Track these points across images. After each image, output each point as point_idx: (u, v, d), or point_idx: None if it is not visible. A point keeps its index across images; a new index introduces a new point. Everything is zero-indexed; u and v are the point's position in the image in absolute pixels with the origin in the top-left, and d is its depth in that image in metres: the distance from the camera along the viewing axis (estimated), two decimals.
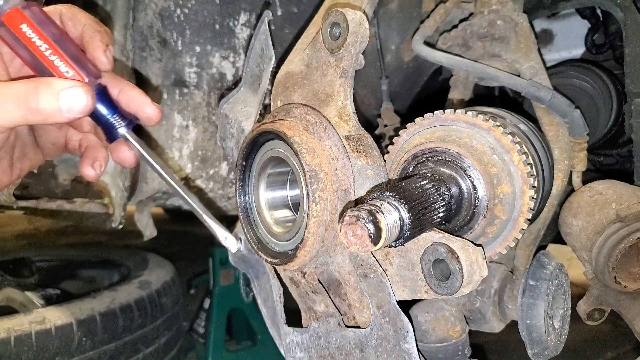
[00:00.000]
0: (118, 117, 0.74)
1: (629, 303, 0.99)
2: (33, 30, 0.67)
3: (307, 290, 0.87)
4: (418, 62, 1.52)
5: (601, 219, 0.96)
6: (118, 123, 0.74)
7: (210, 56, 1.50)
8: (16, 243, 5.68)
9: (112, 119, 0.74)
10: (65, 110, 0.64)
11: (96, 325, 2.08)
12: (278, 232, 0.85)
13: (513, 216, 0.77)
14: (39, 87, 0.64)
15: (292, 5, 1.60)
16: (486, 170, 0.74)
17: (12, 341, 1.85)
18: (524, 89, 1.02)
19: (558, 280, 0.96)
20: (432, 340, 0.94)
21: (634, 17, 1.04)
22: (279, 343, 0.98)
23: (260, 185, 0.88)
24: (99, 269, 3.20)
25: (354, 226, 0.58)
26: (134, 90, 0.78)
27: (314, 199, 0.73)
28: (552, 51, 1.57)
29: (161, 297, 2.46)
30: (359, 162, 0.76)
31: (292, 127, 0.78)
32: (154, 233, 1.68)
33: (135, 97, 0.78)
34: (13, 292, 2.44)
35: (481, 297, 0.99)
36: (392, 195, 0.61)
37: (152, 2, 1.38)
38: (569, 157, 1.04)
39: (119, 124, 0.74)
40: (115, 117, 0.74)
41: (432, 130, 0.81)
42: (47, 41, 0.67)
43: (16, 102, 0.63)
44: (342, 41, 0.77)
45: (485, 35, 1.13)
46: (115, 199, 1.42)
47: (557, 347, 0.96)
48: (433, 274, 0.67)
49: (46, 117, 0.65)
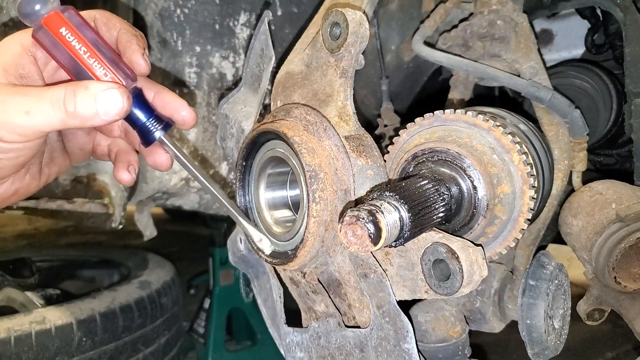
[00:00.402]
0: (154, 121, 0.74)
1: (629, 303, 0.99)
2: (72, 33, 0.67)
3: (307, 290, 0.87)
4: (418, 62, 1.52)
5: (601, 219, 0.96)
6: (154, 126, 0.74)
7: (210, 56, 1.50)
8: (16, 243, 5.69)
9: (149, 123, 0.73)
10: (103, 113, 0.65)
11: (96, 325, 2.08)
12: (278, 232, 0.85)
13: (513, 216, 0.77)
14: (76, 90, 0.64)
15: (292, 5, 1.60)
16: (486, 170, 0.74)
17: (12, 341, 1.85)
18: (524, 89, 1.02)
19: (558, 280, 0.96)
20: (432, 340, 0.94)
21: (634, 17, 1.04)
22: (279, 343, 0.98)
23: (260, 185, 0.88)
24: (99, 269, 3.20)
25: (354, 226, 0.58)
26: (169, 94, 0.78)
27: (314, 199, 0.73)
28: (552, 51, 1.57)
29: (161, 297, 2.46)
30: (359, 162, 0.76)
31: (292, 127, 0.78)
32: (154, 233, 1.68)
33: (171, 101, 0.78)
34: (13, 292, 2.44)
35: (481, 297, 0.99)
36: (392, 195, 0.61)
37: (152, 2, 1.38)
38: (569, 157, 1.04)
39: (155, 127, 0.74)
40: (151, 121, 0.74)
41: (432, 130, 0.81)
42: (86, 44, 0.67)
43: (55, 106, 0.63)
44: (342, 41, 0.77)
45: (485, 35, 1.13)
46: (115, 199, 1.42)
47: (557, 347, 0.96)
48: (433, 274, 0.67)
49: (84, 121, 0.65)
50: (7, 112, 0.63)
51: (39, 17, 0.66)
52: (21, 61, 0.70)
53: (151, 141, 0.75)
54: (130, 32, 0.75)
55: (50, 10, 0.67)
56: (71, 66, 0.68)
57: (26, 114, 0.63)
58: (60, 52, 0.67)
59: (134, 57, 0.73)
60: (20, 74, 0.70)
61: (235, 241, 1.03)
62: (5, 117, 0.63)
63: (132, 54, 0.73)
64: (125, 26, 0.75)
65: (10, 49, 0.70)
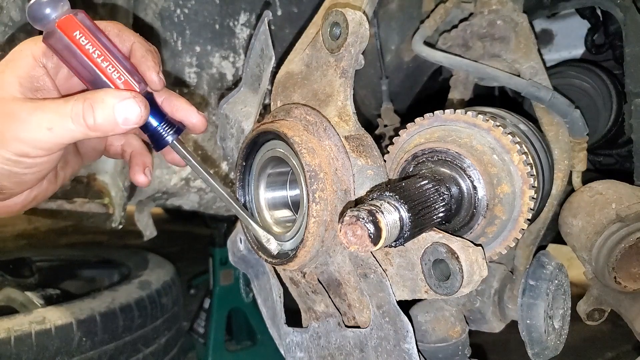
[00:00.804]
0: (165, 125, 0.74)
1: (629, 303, 0.99)
2: (86, 37, 0.67)
3: (307, 290, 0.87)
4: (418, 62, 1.52)
5: (601, 219, 0.96)
6: (166, 131, 0.74)
7: (210, 56, 1.50)
8: (16, 243, 5.69)
9: (160, 127, 0.74)
10: (122, 122, 0.66)
11: (96, 325, 2.08)
12: (278, 232, 0.85)
13: (513, 216, 0.77)
14: (94, 104, 0.65)
15: (292, 5, 1.60)
16: (486, 170, 0.74)
17: (12, 341, 1.85)
18: (524, 89, 1.02)
19: (558, 280, 0.96)
20: (432, 340, 0.94)
21: (634, 17, 1.04)
22: (279, 343, 0.98)
23: (260, 185, 0.88)
24: (99, 269, 3.20)
25: (354, 226, 0.58)
26: (178, 100, 0.79)
27: (314, 199, 0.73)
28: (552, 51, 1.57)
29: (161, 297, 2.46)
30: (358, 162, 0.76)
31: (292, 127, 0.78)
32: (154, 233, 1.69)
33: (180, 106, 0.79)
34: (13, 292, 2.44)
35: (481, 297, 0.99)
36: (392, 195, 0.61)
37: (152, 2, 1.38)
38: (569, 157, 1.04)
39: (166, 132, 0.74)
40: (163, 125, 0.74)
41: (432, 130, 0.81)
42: (100, 48, 0.67)
43: (75, 120, 0.65)
44: (342, 41, 0.77)
45: (485, 35, 1.13)
46: (115, 199, 1.42)
47: (557, 347, 0.96)
48: (433, 274, 0.67)
49: (105, 132, 0.66)
50: (29, 130, 0.64)
51: (51, 21, 0.66)
52: (34, 73, 0.70)
53: (163, 146, 0.75)
54: (145, 46, 0.75)
55: (62, 13, 0.66)
56: (84, 71, 0.68)
57: (48, 130, 0.64)
58: (74, 56, 0.67)
59: (148, 73, 0.73)
60: (35, 86, 0.70)
61: (235, 241, 1.03)
62: (28, 134, 0.64)
63: (146, 70, 0.73)
64: (140, 40, 0.75)
65: (22, 61, 0.70)
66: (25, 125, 0.64)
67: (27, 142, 0.65)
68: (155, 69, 0.74)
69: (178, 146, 0.76)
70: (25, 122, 0.64)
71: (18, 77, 0.68)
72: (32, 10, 0.65)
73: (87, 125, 0.65)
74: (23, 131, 0.64)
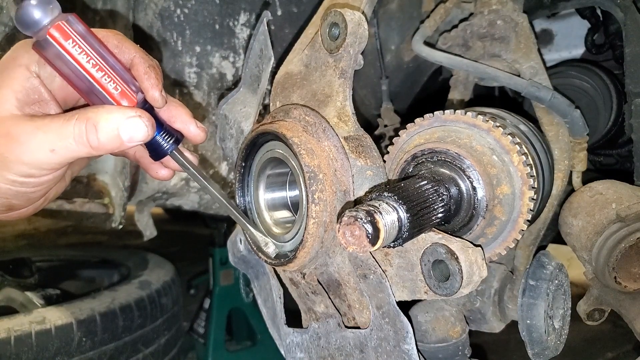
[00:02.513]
0: (165, 135, 0.73)
1: (629, 303, 0.99)
2: (79, 46, 0.63)
3: (307, 291, 0.87)
4: (418, 62, 1.52)
5: (601, 219, 0.96)
6: (165, 141, 0.73)
7: (210, 56, 1.50)
8: (16, 243, 5.69)
9: (159, 137, 0.72)
10: (127, 140, 0.65)
11: (96, 325, 2.08)
12: (277, 233, 0.85)
13: (512, 217, 0.77)
14: (97, 123, 0.63)
15: (291, 5, 1.60)
16: (486, 171, 0.74)
17: (12, 341, 1.85)
18: (524, 89, 1.02)
19: (558, 280, 0.96)
20: (432, 341, 0.94)
21: (634, 17, 1.04)
22: (279, 343, 0.98)
23: (259, 186, 0.88)
24: (99, 269, 3.20)
25: (352, 226, 0.58)
26: (177, 109, 0.77)
27: (313, 200, 0.73)
28: (552, 51, 1.57)
29: (161, 297, 2.46)
30: (358, 163, 0.76)
31: (291, 128, 0.78)
32: (154, 233, 1.68)
33: (179, 116, 0.77)
34: (13, 292, 2.44)
35: (481, 297, 0.99)
36: (390, 195, 0.61)
37: (152, 2, 1.38)
38: (569, 157, 1.04)
39: (166, 142, 0.73)
40: (162, 135, 0.72)
41: (432, 130, 0.81)
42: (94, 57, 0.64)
43: (78, 141, 0.63)
44: (341, 41, 0.77)
45: (485, 35, 1.13)
46: (115, 199, 1.42)
47: (557, 347, 0.96)
48: (432, 274, 0.67)
49: (109, 150, 0.66)
50: (31, 152, 0.63)
51: (42, 28, 0.61)
52: (29, 85, 0.67)
53: (162, 156, 0.74)
54: (147, 61, 0.72)
55: (54, 18, 0.61)
56: (79, 81, 0.65)
57: (51, 152, 0.63)
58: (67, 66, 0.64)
59: (151, 92, 0.71)
60: (32, 99, 0.68)
61: (235, 242, 1.03)
62: (31, 156, 0.63)
63: (149, 88, 0.71)
64: (141, 54, 0.73)
65: (15, 73, 0.67)
66: (27, 147, 0.63)
67: (30, 164, 0.64)
68: (159, 87, 0.72)
69: (177, 155, 0.75)
70: (26, 144, 0.63)
71: (14, 91, 0.66)
72: (20, 15, 0.61)
73: (91, 146, 0.64)
74: (25, 153, 0.63)
